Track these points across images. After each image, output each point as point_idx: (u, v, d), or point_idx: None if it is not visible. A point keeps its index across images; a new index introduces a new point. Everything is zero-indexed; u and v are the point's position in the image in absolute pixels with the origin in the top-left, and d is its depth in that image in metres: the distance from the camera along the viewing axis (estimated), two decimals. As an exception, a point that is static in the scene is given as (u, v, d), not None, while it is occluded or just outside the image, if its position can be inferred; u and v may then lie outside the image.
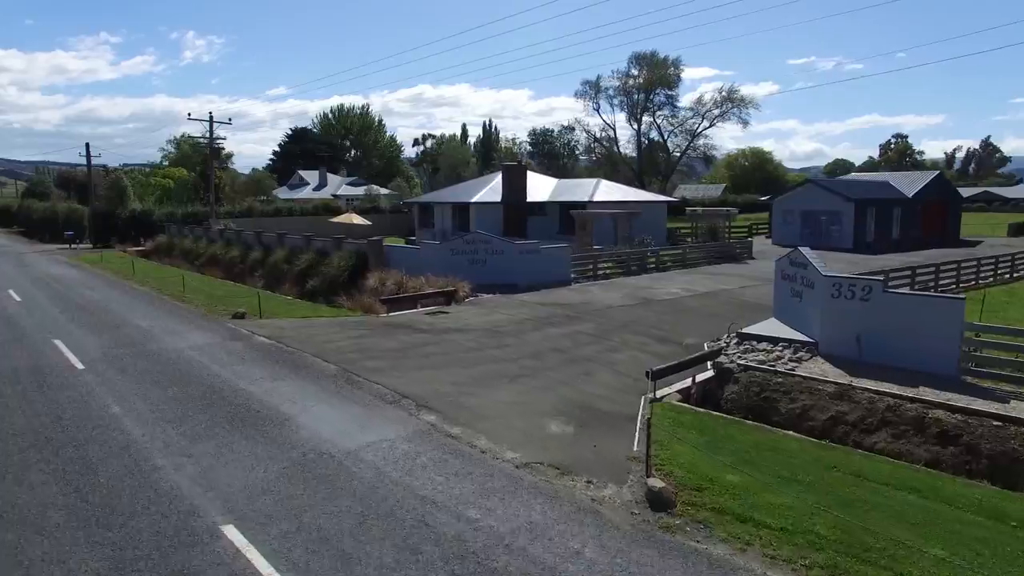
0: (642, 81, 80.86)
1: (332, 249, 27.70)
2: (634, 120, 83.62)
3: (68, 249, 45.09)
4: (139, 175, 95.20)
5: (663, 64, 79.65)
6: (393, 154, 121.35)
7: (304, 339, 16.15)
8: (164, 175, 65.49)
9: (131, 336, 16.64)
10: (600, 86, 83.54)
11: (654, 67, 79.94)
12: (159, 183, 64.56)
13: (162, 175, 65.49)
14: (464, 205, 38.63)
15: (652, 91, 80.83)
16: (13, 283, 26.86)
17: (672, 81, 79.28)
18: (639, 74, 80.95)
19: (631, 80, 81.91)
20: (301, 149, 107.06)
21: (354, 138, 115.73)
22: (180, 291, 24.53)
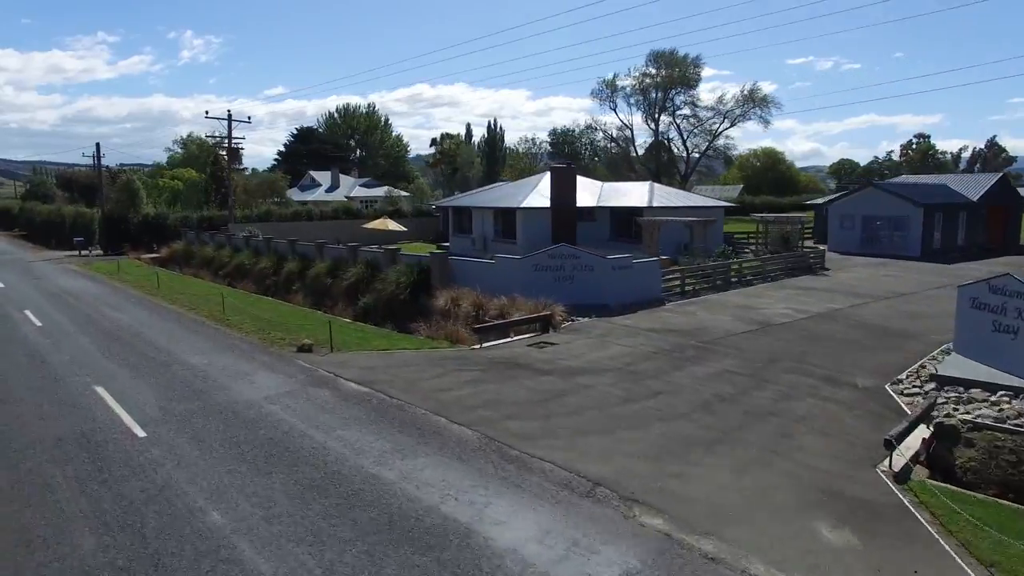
0: (660, 80, 77.77)
1: (386, 262, 24.39)
2: (651, 120, 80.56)
3: (77, 256, 41.43)
4: (143, 176, 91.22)
5: (682, 62, 76.59)
6: (399, 154, 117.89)
7: (405, 385, 12.88)
8: (172, 176, 61.69)
9: (188, 380, 13.30)
10: (616, 85, 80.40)
11: (673, 65, 76.87)
12: (167, 185, 60.75)
13: (170, 176, 61.68)
14: (509, 210, 35.35)
15: (670, 90, 77.77)
16: (28, 301, 23.36)
17: (692, 80, 76.24)
18: (657, 72, 77.86)
19: (648, 79, 78.84)
20: (307, 149, 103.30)
21: (360, 138, 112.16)
22: (219, 311, 21.17)
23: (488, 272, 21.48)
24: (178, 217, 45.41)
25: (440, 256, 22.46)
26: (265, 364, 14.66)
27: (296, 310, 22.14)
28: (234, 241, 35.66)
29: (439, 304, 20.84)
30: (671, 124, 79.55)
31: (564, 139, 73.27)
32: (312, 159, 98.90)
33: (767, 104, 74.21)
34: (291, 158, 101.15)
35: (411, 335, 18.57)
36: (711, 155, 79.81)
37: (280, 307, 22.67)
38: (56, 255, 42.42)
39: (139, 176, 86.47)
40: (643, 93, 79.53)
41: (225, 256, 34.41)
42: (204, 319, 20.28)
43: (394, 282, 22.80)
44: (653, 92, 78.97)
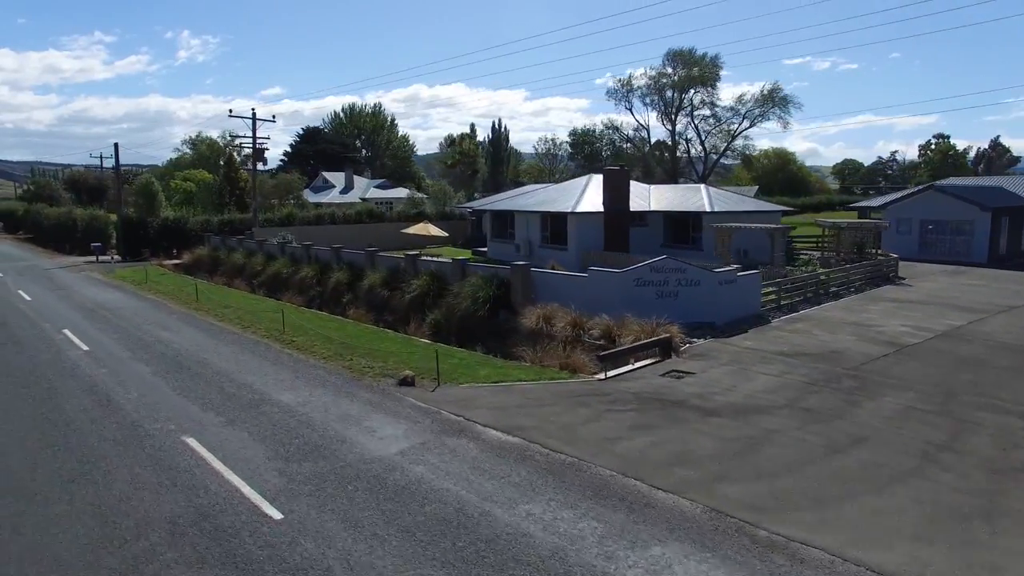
0: (677, 79, 75.79)
1: (454, 273, 22.10)
2: (667, 120, 78.58)
3: (95, 263, 38.82)
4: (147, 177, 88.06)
5: (700, 62, 74.63)
6: (405, 154, 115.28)
7: (561, 432, 10.64)
8: (184, 178, 58.95)
9: (292, 428, 10.99)
10: (632, 84, 78.37)
11: (691, 64, 74.90)
12: (179, 186, 58.00)
13: (182, 178, 58.94)
14: (560, 215, 33.11)
15: (688, 90, 75.82)
16: (62, 318, 20.91)
17: (710, 79, 74.28)
18: (674, 72, 75.88)
19: (664, 78, 76.84)
20: (314, 150, 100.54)
21: (366, 138, 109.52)
22: (278, 330, 18.86)
23: (579, 287, 19.25)
24: (198, 221, 42.84)
25: (521, 268, 20.19)
26: (372, 403, 12.36)
27: (365, 329, 19.81)
28: (267, 247, 33.20)
29: (527, 323, 18.59)
30: (688, 124, 77.67)
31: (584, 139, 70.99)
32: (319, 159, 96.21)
33: (786, 104, 72.47)
34: (297, 158, 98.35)
35: (511, 360, 16.28)
36: (729, 155, 77.95)
37: (344, 325, 20.32)
38: (73, 261, 39.75)
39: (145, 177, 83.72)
40: (659, 92, 77.57)
41: (258, 264, 31.93)
42: (267, 340, 17.94)
43: (468, 296, 20.49)
44: (670, 92, 77.01)
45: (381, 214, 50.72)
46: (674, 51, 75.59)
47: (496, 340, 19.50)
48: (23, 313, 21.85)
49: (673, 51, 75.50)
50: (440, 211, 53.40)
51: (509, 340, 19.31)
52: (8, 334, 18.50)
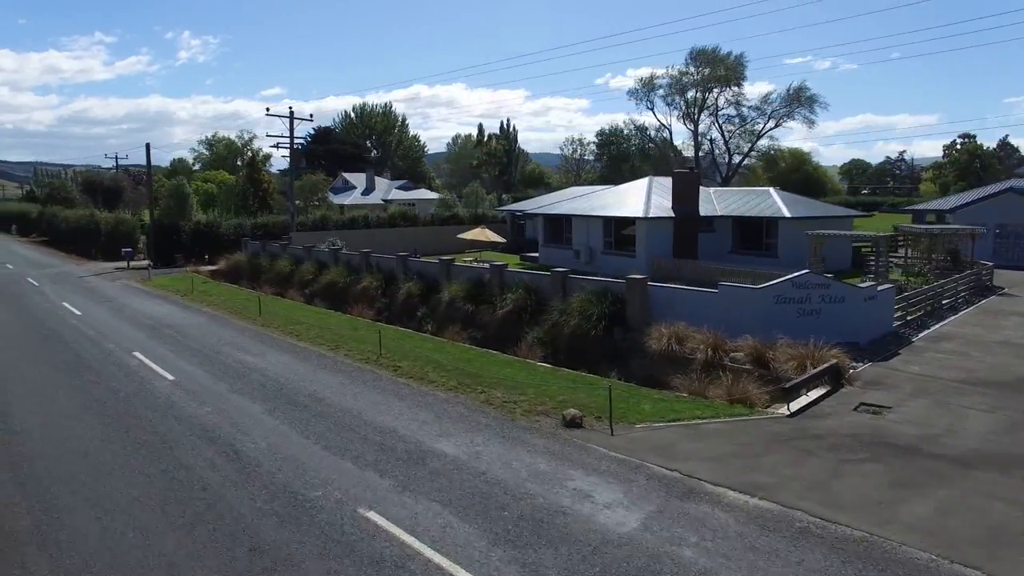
0: (700, 78, 73.92)
1: (553, 287, 20.02)
2: (689, 120, 76.69)
3: (127, 269, 36.50)
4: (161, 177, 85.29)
5: (725, 60, 72.78)
6: (416, 155, 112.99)
7: (807, 491, 8.61)
8: (205, 179, 56.56)
9: (489, 494, 8.88)
10: (654, 84, 76.44)
11: (715, 64, 73.04)
12: (200, 188, 55.61)
13: (202, 179, 56.54)
14: (627, 220, 31.08)
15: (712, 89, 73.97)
16: (125, 337, 18.69)
17: (735, 78, 72.40)
18: (698, 71, 74.00)
19: (686, 78, 74.94)
20: (325, 150, 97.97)
21: (377, 138, 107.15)
22: (372, 351, 16.78)
23: (706, 303, 17.21)
24: (231, 225, 40.57)
25: (639, 283, 18.14)
26: (554, 454, 10.29)
27: (467, 350, 17.66)
28: (316, 254, 30.99)
29: (655, 344, 16.54)
30: (712, 124, 75.83)
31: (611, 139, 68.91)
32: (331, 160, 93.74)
33: (812, 103, 70.71)
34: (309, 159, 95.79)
35: (650, 387, 14.21)
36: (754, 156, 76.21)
37: (442, 345, 18.19)
38: (102, 267, 37.39)
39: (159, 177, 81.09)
40: (681, 92, 75.66)
41: (308, 272, 29.72)
42: (368, 366, 15.82)
43: (577, 313, 18.44)
44: (692, 91, 75.13)
45: (415, 216, 48.57)
46: (697, 50, 73.70)
47: (615, 363, 17.47)
48: (81, 332, 19.62)
49: (696, 50, 73.62)
50: (473, 214, 51.31)
51: (632, 363, 17.31)
52: (77, 359, 16.29)
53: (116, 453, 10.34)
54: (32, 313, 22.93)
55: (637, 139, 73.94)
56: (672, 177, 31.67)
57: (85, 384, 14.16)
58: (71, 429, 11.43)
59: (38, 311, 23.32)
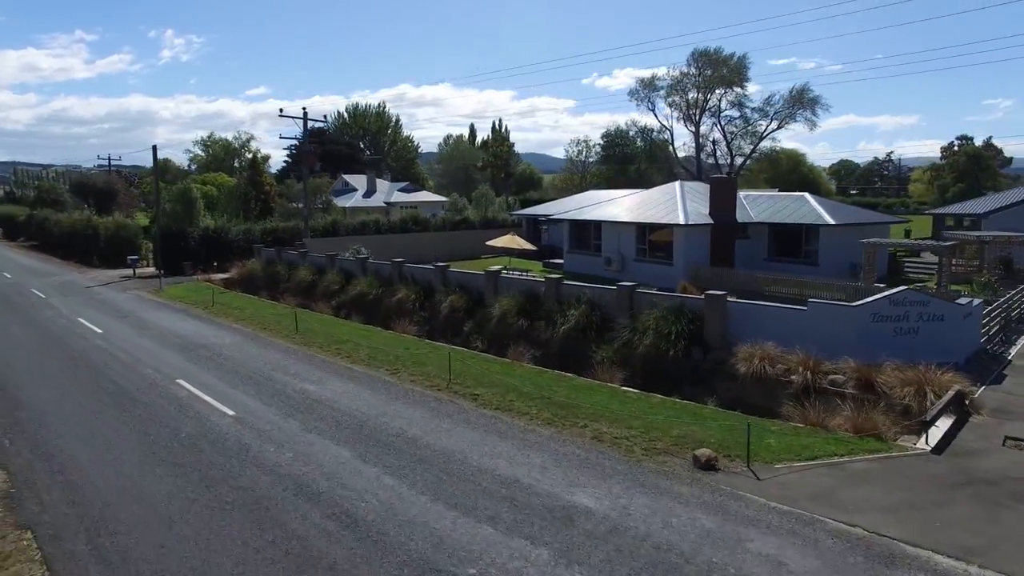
0: (703, 80, 73.16)
1: (619, 302, 18.71)
2: (690, 122, 75.92)
3: (134, 277, 34.57)
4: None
5: (728, 62, 72.09)
6: (411, 156, 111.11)
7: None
8: (204, 181, 54.40)
9: (672, 567, 7.60)
10: (655, 85, 75.56)
11: (717, 65, 72.31)
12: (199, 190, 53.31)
13: (201, 181, 54.36)
14: (664, 227, 29.87)
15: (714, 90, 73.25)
16: (161, 360, 17.04)
17: (737, 80, 71.71)
18: (699, 72, 73.23)
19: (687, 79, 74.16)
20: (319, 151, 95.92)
21: (371, 138, 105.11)
22: (439, 375, 15.43)
23: (793, 321, 16.02)
24: (240, 231, 38.71)
25: (718, 299, 16.90)
26: (706, 505, 8.97)
27: (540, 372, 16.28)
28: (341, 263, 29.37)
29: (744, 366, 15.32)
30: (714, 125, 75.13)
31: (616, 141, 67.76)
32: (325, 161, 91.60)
33: (815, 105, 70.27)
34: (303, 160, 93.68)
35: (774, 419, 12.96)
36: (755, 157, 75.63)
37: (511, 368, 16.76)
38: (107, 275, 35.39)
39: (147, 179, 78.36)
40: (682, 93, 74.86)
41: (333, 282, 28.09)
42: (441, 393, 14.41)
43: (652, 331, 17.17)
44: (694, 92, 74.35)
45: (426, 221, 46.97)
46: (699, 51, 72.91)
47: (698, 385, 16.25)
48: (110, 354, 17.93)
49: (698, 51, 72.82)
50: (484, 219, 49.82)
51: (718, 386, 16.10)
52: (118, 389, 14.67)
53: (205, 518, 8.85)
54: (51, 331, 21.12)
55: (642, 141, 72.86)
56: (710, 183, 30.58)
57: (138, 422, 12.58)
58: (142, 484, 9.90)
59: (56, 329, 21.51)
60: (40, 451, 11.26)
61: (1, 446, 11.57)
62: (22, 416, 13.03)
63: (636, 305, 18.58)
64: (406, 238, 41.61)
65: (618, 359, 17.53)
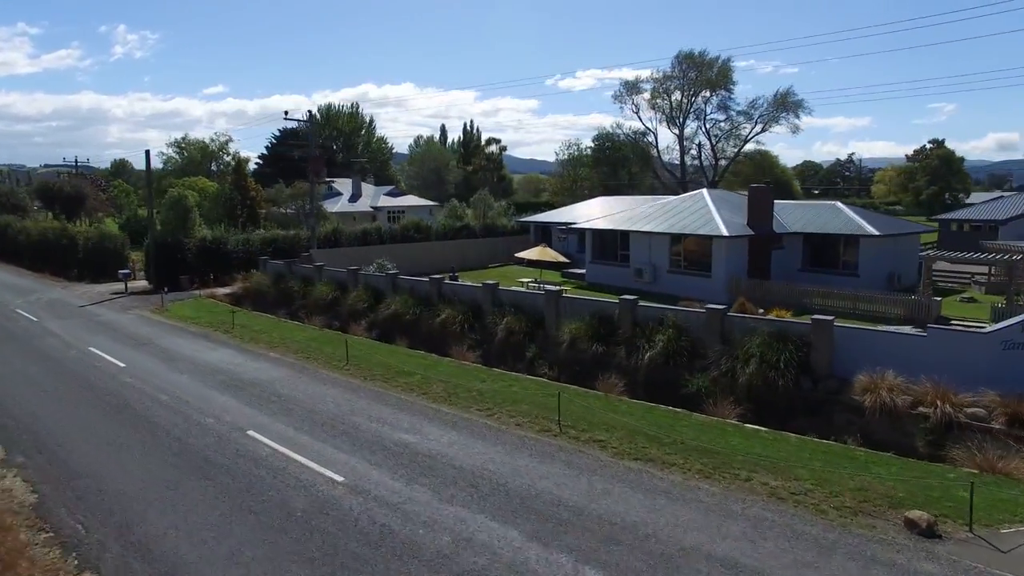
0: (687, 82, 72.76)
1: (709, 326, 17.27)
2: (674, 124, 75.42)
3: (127, 294, 31.59)
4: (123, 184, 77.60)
5: (713, 64, 71.81)
6: (384, 157, 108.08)
7: None
8: (185, 186, 50.90)
9: None
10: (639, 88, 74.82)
11: (702, 67, 71.98)
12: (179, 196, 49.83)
13: (181, 185, 50.85)
14: (702, 238, 28.64)
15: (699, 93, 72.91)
16: (210, 402, 14.79)
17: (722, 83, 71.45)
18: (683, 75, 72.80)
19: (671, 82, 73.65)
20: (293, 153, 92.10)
21: (344, 139, 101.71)
22: (542, 414, 13.77)
23: (909, 347, 14.86)
24: (238, 241, 35.97)
25: (825, 324, 15.63)
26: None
27: (664, 412, 14.58)
28: (366, 278, 27.21)
29: (869, 398, 14.09)
30: (699, 128, 74.76)
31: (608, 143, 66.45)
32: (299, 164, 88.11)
33: (798, 108, 70.51)
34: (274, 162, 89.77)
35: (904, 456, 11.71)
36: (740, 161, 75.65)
37: (615, 404, 15.13)
38: (96, 291, 32.29)
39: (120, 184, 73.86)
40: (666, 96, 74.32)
41: (359, 300, 25.87)
42: (565, 442, 12.68)
43: (755, 358, 15.80)
44: (678, 94, 73.89)
45: (428, 228, 44.90)
46: (684, 53, 72.40)
47: (813, 418, 14.97)
48: (149, 396, 15.57)
49: (683, 53, 72.30)
50: (486, 226, 47.95)
51: (836, 419, 14.84)
52: (183, 447, 12.44)
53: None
54: (66, 367, 18.50)
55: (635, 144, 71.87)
56: (748, 193, 29.54)
57: (232, 495, 10.48)
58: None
59: (70, 363, 18.89)
60: (130, 542, 9.13)
61: (75, 533, 9.40)
62: (83, 488, 10.79)
63: (729, 329, 17.19)
64: (415, 248, 39.49)
65: (716, 389, 16.11)
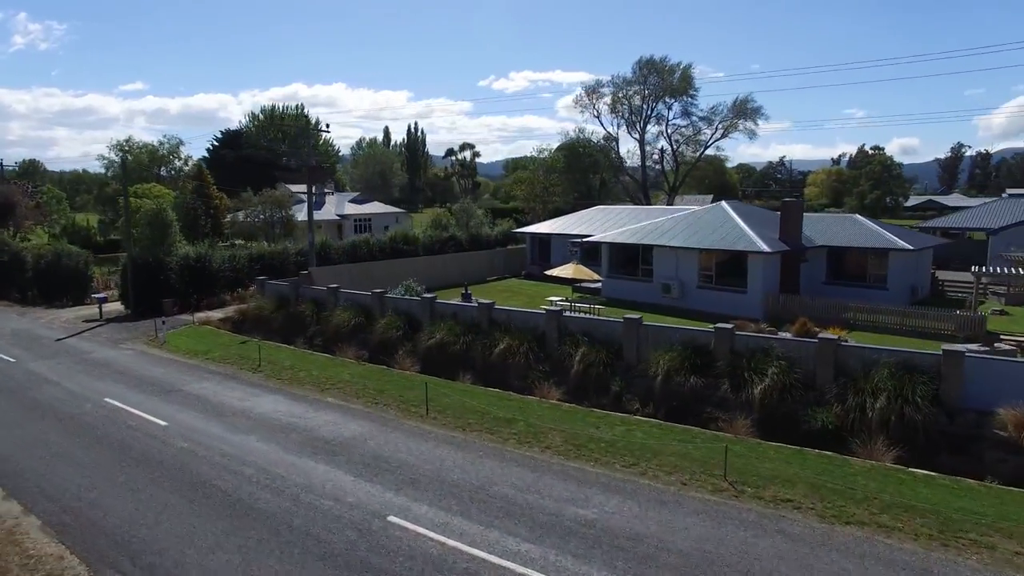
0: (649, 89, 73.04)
1: (821, 358, 16.18)
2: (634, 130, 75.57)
3: (102, 321, 27.76)
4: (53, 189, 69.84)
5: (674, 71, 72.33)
6: (331, 161, 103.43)
7: None
8: (136, 193, 46.04)
9: None
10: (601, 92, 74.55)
11: (663, 73, 72.42)
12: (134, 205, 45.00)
13: (133, 193, 45.96)
14: (736, 253, 27.81)
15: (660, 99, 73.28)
16: (317, 477, 12.29)
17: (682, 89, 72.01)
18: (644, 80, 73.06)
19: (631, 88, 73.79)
20: (235, 156, 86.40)
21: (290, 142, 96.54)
22: (692, 467, 12.38)
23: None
24: (222, 258, 32.47)
25: (956, 355, 14.81)
26: None
27: (815, 457, 13.33)
28: (396, 303, 24.73)
29: (1014, 433, 13.37)
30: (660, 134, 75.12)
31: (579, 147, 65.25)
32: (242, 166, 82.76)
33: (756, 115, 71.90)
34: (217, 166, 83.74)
35: None
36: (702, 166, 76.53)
37: (758, 448, 13.77)
38: (62, 318, 28.21)
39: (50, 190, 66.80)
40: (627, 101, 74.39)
41: (392, 327, 23.36)
42: (745, 503, 11.21)
43: (887, 392, 14.81)
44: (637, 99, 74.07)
45: (416, 240, 42.46)
46: (645, 59, 72.51)
47: (958, 456, 14.18)
48: (224, 467, 12.87)
49: (644, 59, 72.43)
50: (472, 236, 45.89)
51: (986, 456, 14.05)
52: (324, 547, 9.95)
53: None
54: (89, 427, 15.33)
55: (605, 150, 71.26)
56: (781, 207, 29.01)
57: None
58: None
59: (91, 421, 15.70)
60: None
61: None
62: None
63: (843, 361, 16.21)
64: (414, 263, 36.88)
65: (840, 424, 15.11)
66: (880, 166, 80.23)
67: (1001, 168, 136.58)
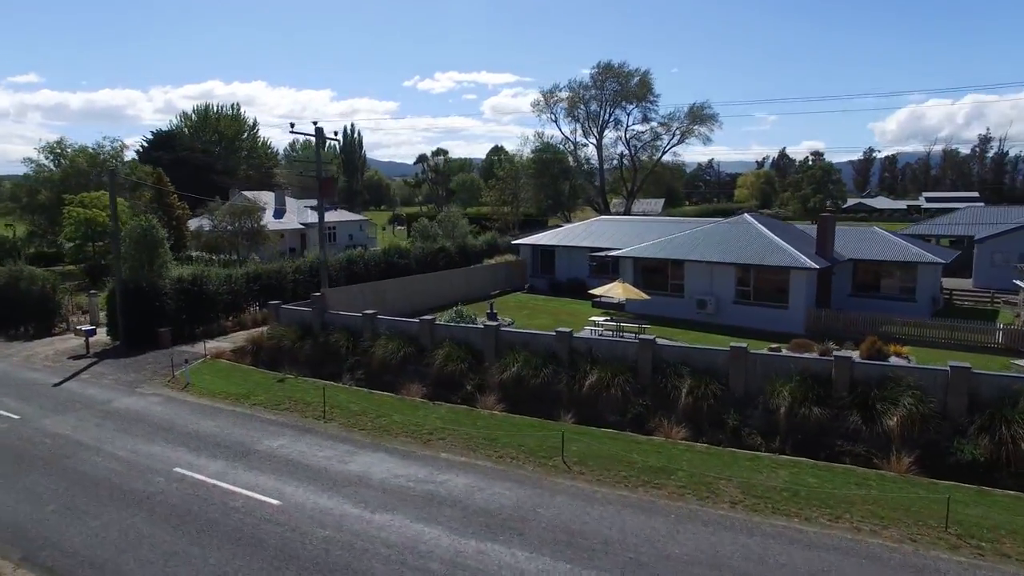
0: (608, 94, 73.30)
1: (956, 385, 15.76)
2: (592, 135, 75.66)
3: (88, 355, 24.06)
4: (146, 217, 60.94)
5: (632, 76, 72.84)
6: (269, 165, 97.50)
7: None
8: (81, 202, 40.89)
9: None
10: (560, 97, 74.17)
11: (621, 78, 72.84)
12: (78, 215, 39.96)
13: (78, 203, 40.82)
14: (777, 269, 27.50)
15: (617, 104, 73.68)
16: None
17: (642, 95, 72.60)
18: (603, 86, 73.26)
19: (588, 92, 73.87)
20: (170, 158, 79.50)
21: (226, 144, 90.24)
22: (898, 518, 11.69)
23: None
24: (219, 279, 29.08)
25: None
26: None
27: (999, 496, 12.84)
28: (450, 331, 22.59)
29: None
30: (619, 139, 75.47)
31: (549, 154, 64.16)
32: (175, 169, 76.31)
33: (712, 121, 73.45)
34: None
35: None
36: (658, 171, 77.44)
37: (927, 489, 13.07)
38: (38, 353, 24.21)
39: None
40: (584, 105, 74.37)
41: (452, 360, 21.21)
42: (1003, 563, 10.45)
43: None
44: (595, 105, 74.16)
45: (408, 252, 40.06)
46: (604, 64, 72.64)
47: None
48: (409, 566, 10.65)
49: (603, 64, 72.52)
50: (459, 246, 43.85)
51: None
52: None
53: None
54: (182, 510, 12.55)
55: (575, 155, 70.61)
56: (818, 221, 28.97)
57: None
58: None
59: (181, 502, 12.87)
60: None
61: None
62: None
63: (974, 386, 15.88)
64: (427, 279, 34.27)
65: (992, 457, 14.76)
66: (821, 171, 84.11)
67: (905, 172, 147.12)
